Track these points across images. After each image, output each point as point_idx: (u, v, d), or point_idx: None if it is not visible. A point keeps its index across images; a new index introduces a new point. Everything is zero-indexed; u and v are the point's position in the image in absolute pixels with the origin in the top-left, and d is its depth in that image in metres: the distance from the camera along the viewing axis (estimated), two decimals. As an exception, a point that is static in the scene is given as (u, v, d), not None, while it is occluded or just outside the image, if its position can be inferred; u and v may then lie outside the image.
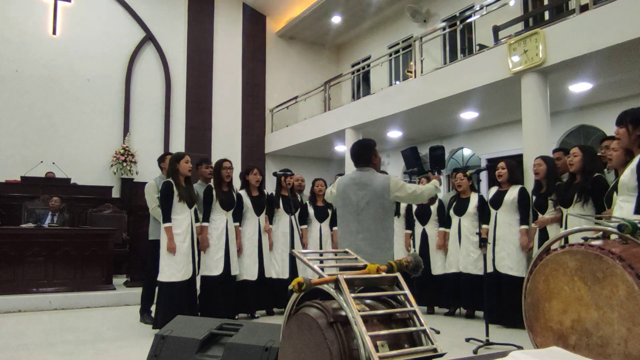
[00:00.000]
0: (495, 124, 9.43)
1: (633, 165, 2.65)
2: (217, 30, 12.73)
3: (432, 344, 1.66)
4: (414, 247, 5.72)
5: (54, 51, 10.82)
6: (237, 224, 5.16)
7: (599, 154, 4.12)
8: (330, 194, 3.63)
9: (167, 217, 4.40)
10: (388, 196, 3.31)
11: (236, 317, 5.01)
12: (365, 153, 3.45)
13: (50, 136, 10.58)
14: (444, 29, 9.86)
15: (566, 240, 3.03)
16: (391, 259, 3.40)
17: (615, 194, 2.85)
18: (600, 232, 2.25)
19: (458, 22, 9.73)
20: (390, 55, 11.45)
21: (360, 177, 3.37)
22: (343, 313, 1.64)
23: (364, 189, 3.32)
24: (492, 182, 5.98)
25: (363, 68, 12.45)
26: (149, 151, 10.95)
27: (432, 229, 5.65)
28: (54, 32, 10.86)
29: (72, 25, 11.05)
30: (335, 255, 2.34)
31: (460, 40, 10.49)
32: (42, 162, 9.82)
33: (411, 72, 9.50)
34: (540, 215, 4.61)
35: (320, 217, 5.82)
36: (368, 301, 1.79)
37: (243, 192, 5.37)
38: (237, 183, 5.55)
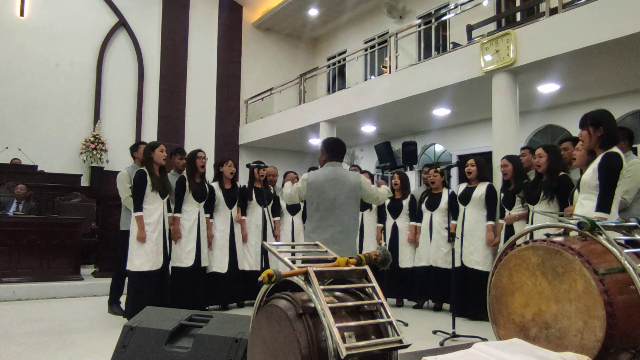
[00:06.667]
0: (467, 122, 9.59)
1: (595, 164, 2.74)
2: (193, 19, 12.52)
3: (398, 335, 1.70)
4: (384, 240, 5.80)
5: (21, 34, 10.44)
6: (208, 215, 5.17)
7: None
8: (296, 191, 3.53)
9: (138, 206, 4.38)
10: (360, 191, 3.55)
11: (207, 309, 5.00)
12: (343, 150, 3.68)
13: (17, 122, 10.23)
14: (419, 25, 9.95)
15: (531, 236, 3.14)
16: (357, 248, 3.53)
17: (577, 191, 2.96)
18: (562, 229, 2.34)
19: (433, 20, 9.84)
20: (366, 50, 11.49)
21: (335, 172, 3.50)
22: (312, 305, 1.67)
23: (340, 184, 3.46)
24: (461, 178, 6.10)
25: (339, 62, 12.47)
26: (120, 139, 10.73)
27: (403, 222, 5.73)
28: (22, 14, 10.47)
29: (42, 6, 10.68)
30: (304, 248, 2.36)
31: (434, 38, 10.61)
32: (7, 148, 9.51)
33: (386, 68, 9.57)
34: (507, 212, 4.75)
35: (293, 210, 5.84)
36: (337, 293, 1.82)
37: (215, 185, 5.34)
38: (209, 174, 5.51)
